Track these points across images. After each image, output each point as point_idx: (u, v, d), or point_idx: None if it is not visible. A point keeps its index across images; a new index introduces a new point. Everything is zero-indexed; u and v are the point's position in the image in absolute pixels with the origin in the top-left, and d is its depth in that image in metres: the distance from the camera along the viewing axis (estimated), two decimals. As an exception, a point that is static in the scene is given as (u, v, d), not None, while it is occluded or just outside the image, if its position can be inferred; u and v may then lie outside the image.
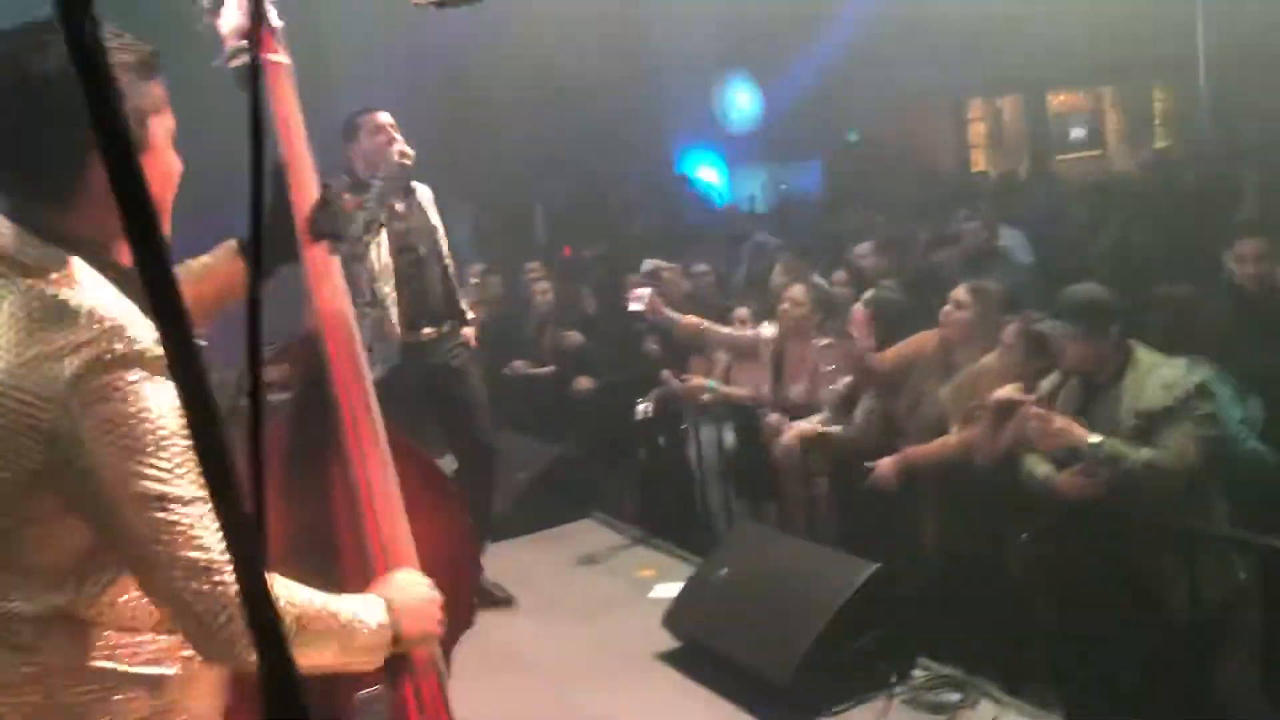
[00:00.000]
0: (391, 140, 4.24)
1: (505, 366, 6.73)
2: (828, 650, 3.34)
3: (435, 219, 4.53)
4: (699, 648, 3.79)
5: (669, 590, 4.23)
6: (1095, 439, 3.50)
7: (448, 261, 4.53)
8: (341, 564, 1.84)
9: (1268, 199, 7.63)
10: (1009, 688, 3.43)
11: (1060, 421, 3.56)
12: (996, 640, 3.90)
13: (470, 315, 4.74)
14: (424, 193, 4.53)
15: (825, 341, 4.97)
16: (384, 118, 4.32)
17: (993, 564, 3.97)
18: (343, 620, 1.51)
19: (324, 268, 1.95)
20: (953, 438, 4.22)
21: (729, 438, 5.38)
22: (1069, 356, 3.71)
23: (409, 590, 1.68)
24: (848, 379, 4.83)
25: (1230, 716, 3.68)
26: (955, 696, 3.32)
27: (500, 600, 4.52)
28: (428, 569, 1.77)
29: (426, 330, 4.39)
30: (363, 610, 1.55)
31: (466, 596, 2.09)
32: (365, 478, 1.83)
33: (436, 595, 1.72)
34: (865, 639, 3.42)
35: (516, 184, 12.31)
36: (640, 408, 5.65)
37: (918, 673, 3.48)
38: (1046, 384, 3.86)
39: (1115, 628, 3.60)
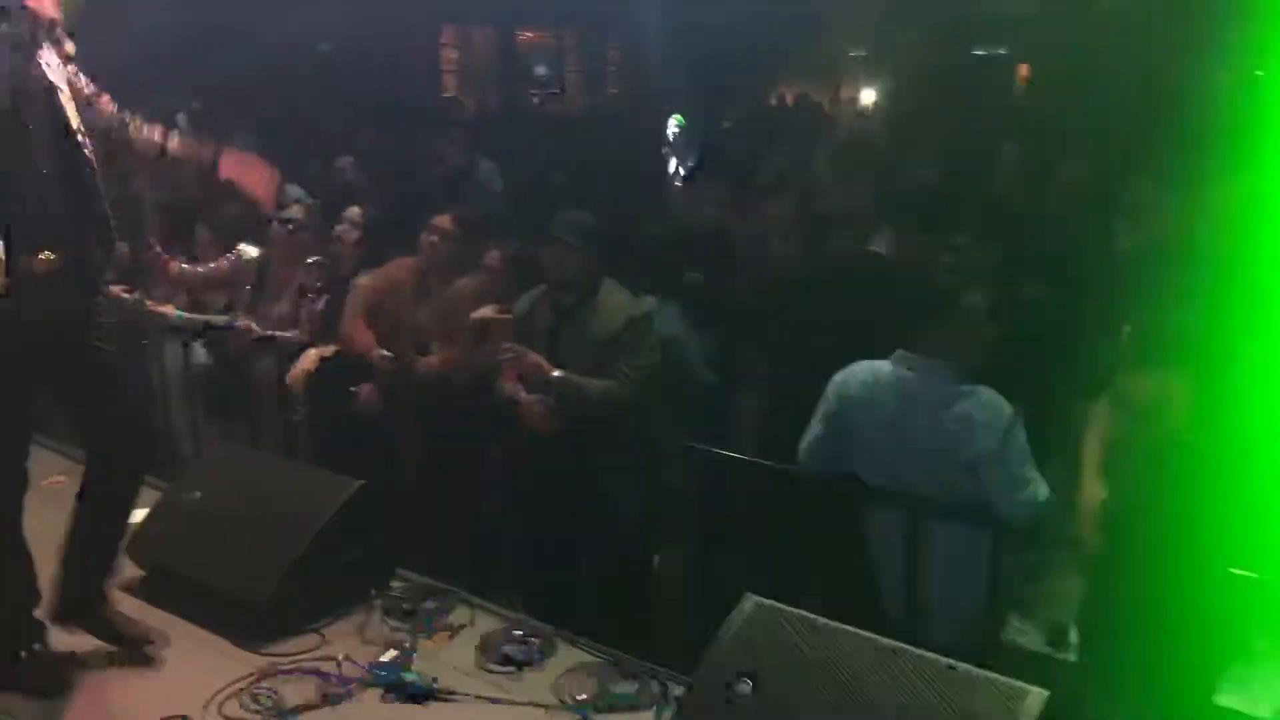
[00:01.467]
0: None
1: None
2: (309, 569, 3.33)
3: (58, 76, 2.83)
4: (168, 574, 3.59)
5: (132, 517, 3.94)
6: (558, 373, 3.83)
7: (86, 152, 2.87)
8: None
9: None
10: (480, 592, 3.63)
11: (532, 357, 3.84)
12: (469, 549, 4.14)
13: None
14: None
15: (313, 259, 4.88)
16: None
17: (467, 477, 4.19)
18: None
19: None
20: (434, 358, 4.36)
21: (199, 355, 5.10)
22: (560, 268, 3.97)
23: None
24: (326, 297, 4.78)
25: (667, 598, 4.24)
26: (431, 604, 3.46)
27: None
28: None
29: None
30: None
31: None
32: None
33: None
34: (347, 555, 3.46)
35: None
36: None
37: (396, 584, 3.58)
38: (524, 302, 4.12)
39: (574, 530, 3.98)
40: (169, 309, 5.07)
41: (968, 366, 3.26)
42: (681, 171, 8.33)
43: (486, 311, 4.12)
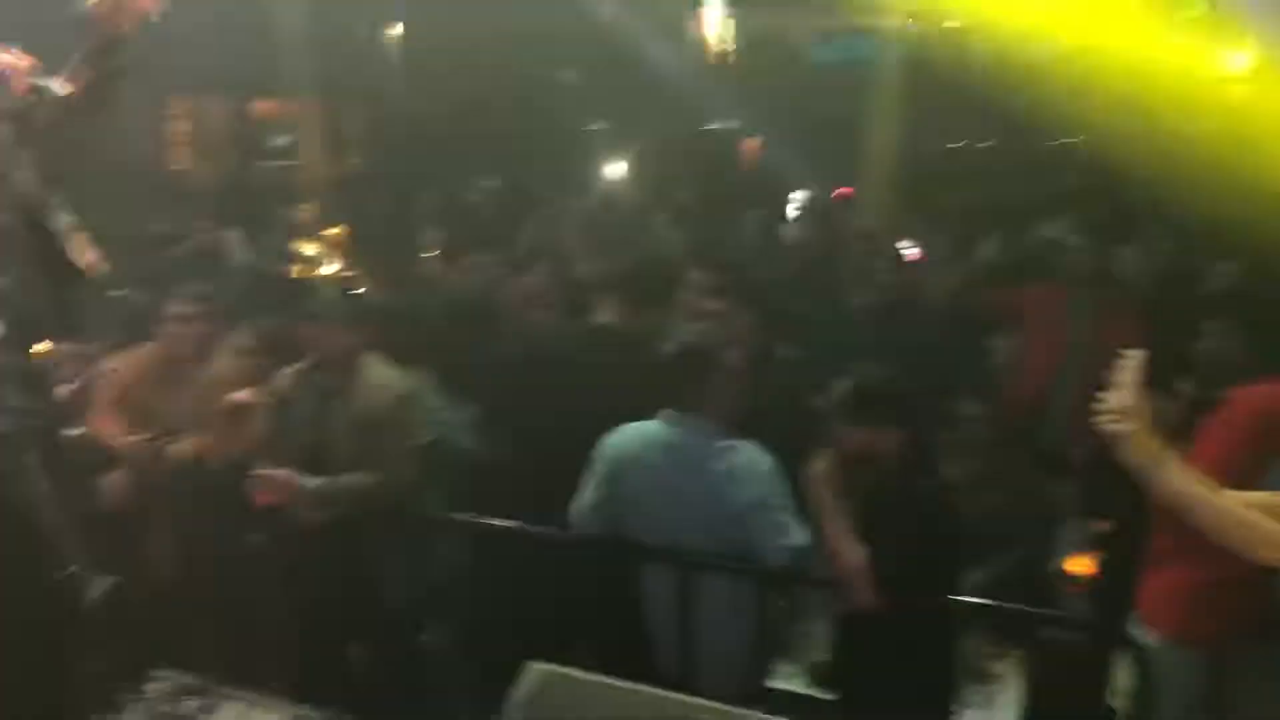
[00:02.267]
0: None
1: None
2: (55, 674, 3.09)
3: None
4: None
5: None
6: (313, 484, 3.73)
7: None
8: None
9: (451, 219, 8.66)
10: (250, 684, 3.47)
11: (280, 476, 3.73)
12: (236, 641, 3.93)
13: None
14: None
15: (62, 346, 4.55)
16: None
17: (228, 566, 4.00)
18: None
19: None
20: (186, 445, 4.16)
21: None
22: (319, 349, 3.89)
23: None
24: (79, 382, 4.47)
25: (445, 676, 4.17)
26: (195, 703, 3.28)
27: None
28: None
29: None
30: None
31: None
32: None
33: None
34: (99, 659, 3.23)
35: None
36: None
37: (155, 685, 3.37)
38: (283, 382, 3.99)
39: (342, 614, 3.87)
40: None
41: (729, 422, 3.43)
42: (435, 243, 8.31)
43: (242, 395, 3.97)
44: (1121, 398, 2.36)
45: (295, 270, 4.57)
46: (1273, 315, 3.69)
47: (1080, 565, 4.19)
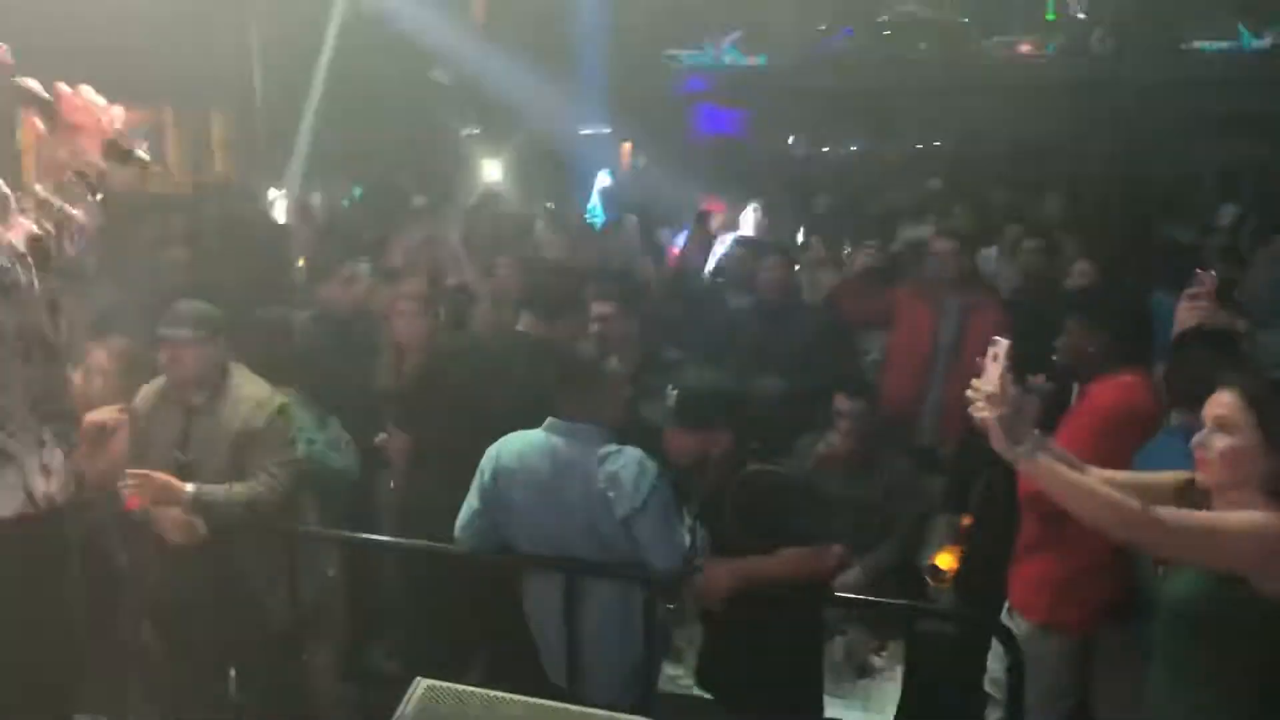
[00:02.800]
0: None
1: None
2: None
3: None
4: None
5: None
6: (190, 488, 3.61)
7: None
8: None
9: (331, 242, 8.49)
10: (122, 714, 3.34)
11: (158, 479, 3.59)
12: (105, 669, 3.76)
13: None
14: None
15: None
16: None
17: (98, 592, 3.82)
18: None
19: None
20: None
21: None
22: (177, 367, 3.75)
23: None
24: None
25: (321, 700, 4.07)
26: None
27: None
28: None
29: None
30: None
31: None
32: None
33: None
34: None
35: None
36: None
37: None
38: (144, 399, 3.85)
39: (223, 634, 3.74)
40: None
41: (613, 428, 3.43)
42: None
43: (102, 414, 3.80)
44: (991, 385, 2.44)
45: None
46: (1128, 311, 3.86)
47: (946, 560, 4.33)
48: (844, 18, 15.81)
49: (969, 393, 2.50)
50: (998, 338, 2.51)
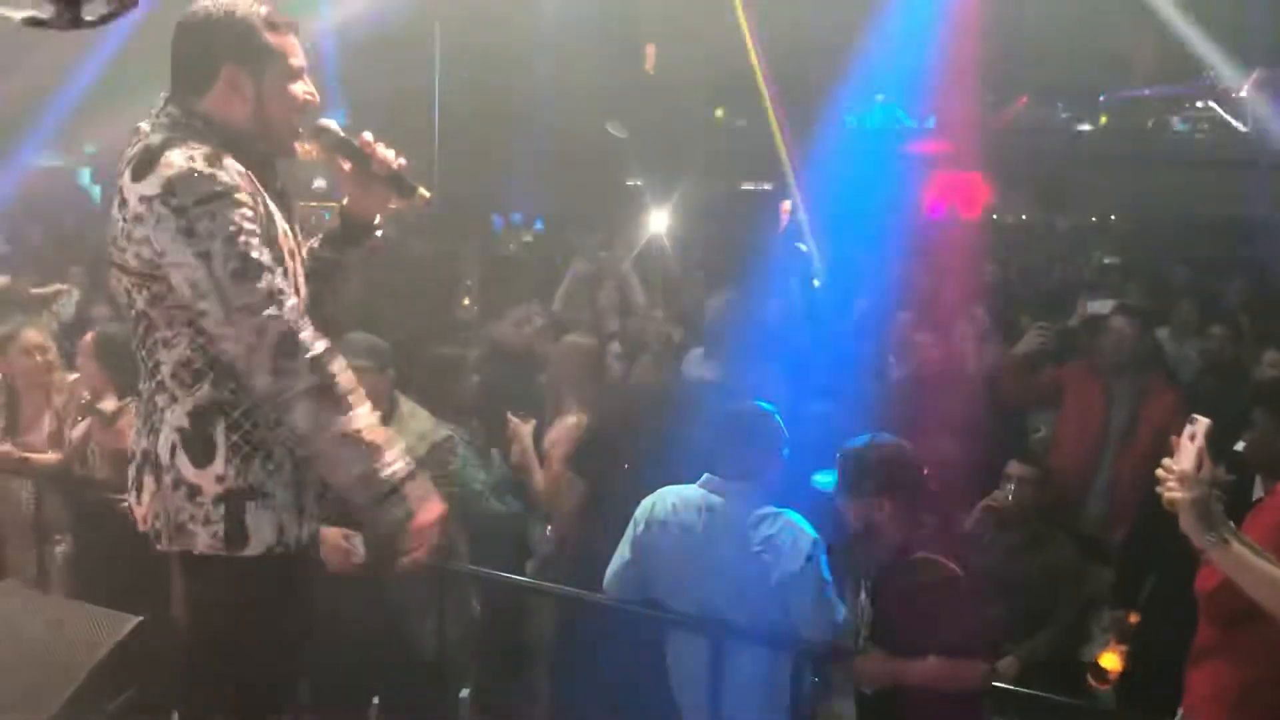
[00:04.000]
0: None
1: None
2: (80, 713, 3.06)
3: None
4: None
5: None
6: (361, 549, 3.59)
7: None
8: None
9: (487, 268, 8.71)
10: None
11: (343, 545, 3.59)
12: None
13: None
14: None
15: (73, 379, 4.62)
16: None
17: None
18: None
19: None
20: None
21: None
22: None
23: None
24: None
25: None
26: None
27: None
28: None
29: None
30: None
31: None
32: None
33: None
34: (121, 699, 3.20)
35: None
36: None
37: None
38: None
39: (376, 664, 3.81)
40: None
41: (771, 488, 3.38)
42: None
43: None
44: (1186, 463, 2.31)
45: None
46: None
47: (1111, 660, 4.09)
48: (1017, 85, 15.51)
49: (1159, 472, 2.37)
50: (1197, 416, 2.38)
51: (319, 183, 16.36)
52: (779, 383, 4.44)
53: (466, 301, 8.20)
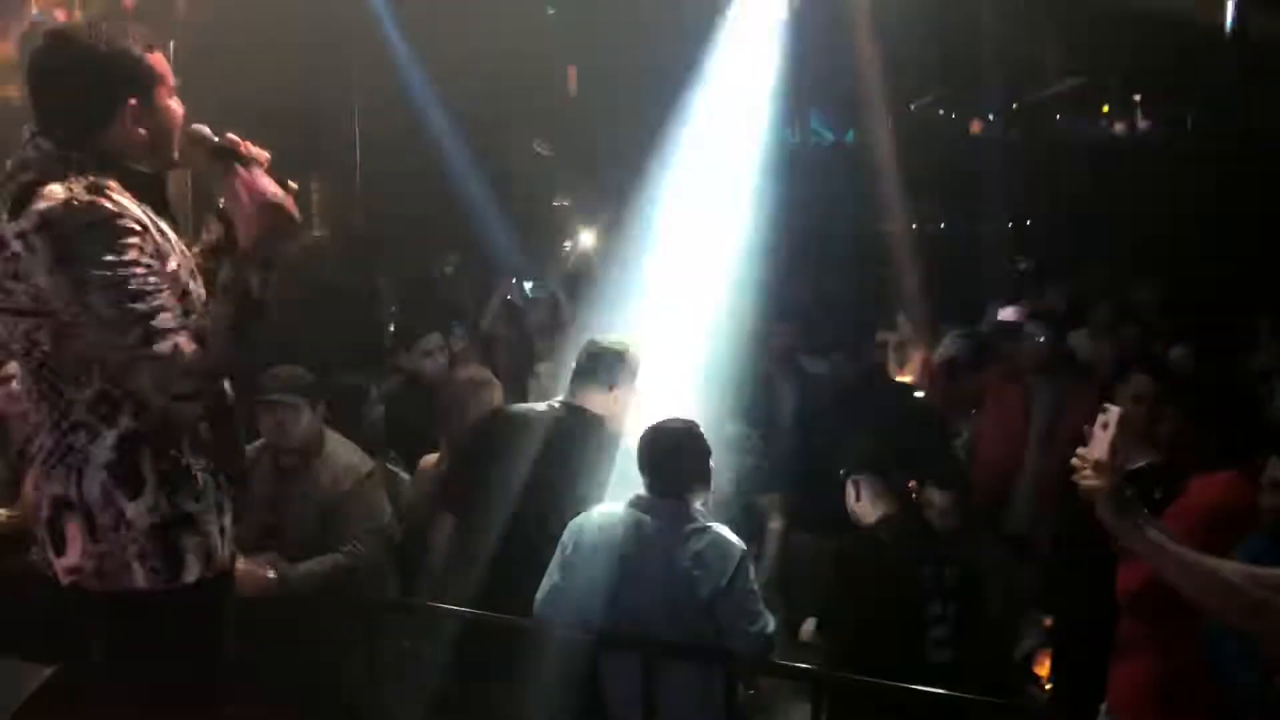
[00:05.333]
0: None
1: None
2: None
3: None
4: None
5: None
6: (272, 574, 3.58)
7: None
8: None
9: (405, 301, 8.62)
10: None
11: (240, 568, 3.54)
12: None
13: None
14: None
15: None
16: None
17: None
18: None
19: None
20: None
21: None
22: (278, 432, 3.81)
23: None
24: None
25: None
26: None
27: None
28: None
29: None
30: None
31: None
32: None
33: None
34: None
35: None
36: None
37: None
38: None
39: (292, 702, 3.73)
40: None
41: (698, 502, 3.39)
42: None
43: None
44: (1100, 452, 2.33)
45: None
46: (1229, 402, 3.72)
47: (1046, 667, 4.16)
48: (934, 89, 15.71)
49: (1074, 461, 2.39)
50: (1109, 405, 2.41)
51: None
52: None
53: (392, 328, 8.13)
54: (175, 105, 2.46)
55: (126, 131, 2.36)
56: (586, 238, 10.50)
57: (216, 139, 2.48)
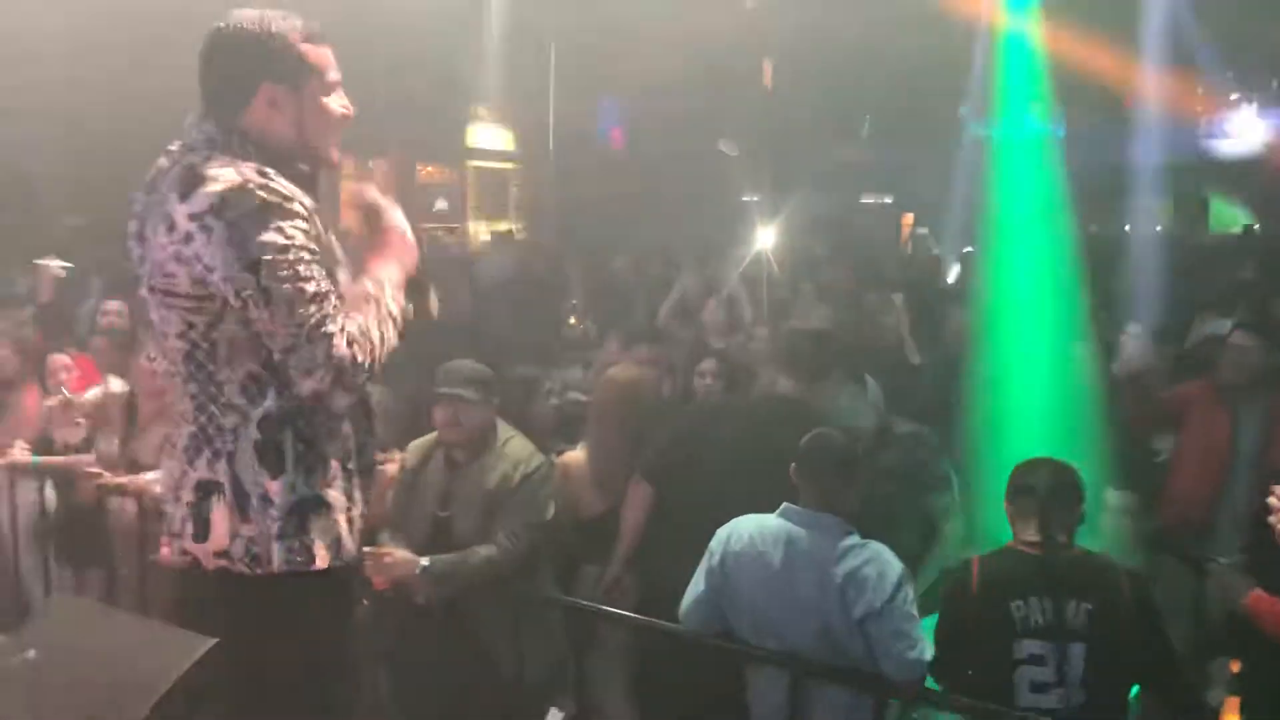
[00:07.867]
0: None
1: None
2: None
3: None
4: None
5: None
6: (425, 562, 3.59)
7: None
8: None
9: (591, 290, 8.66)
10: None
11: (395, 557, 3.61)
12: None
13: None
14: None
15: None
16: None
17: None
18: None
19: None
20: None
21: (50, 497, 4.81)
22: (451, 427, 3.80)
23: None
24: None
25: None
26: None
27: None
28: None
29: None
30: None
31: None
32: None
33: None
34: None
35: None
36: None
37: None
38: (415, 453, 3.95)
39: (456, 694, 3.76)
40: (18, 451, 4.80)
41: (854, 517, 3.23)
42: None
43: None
44: None
45: None
46: None
47: (1235, 716, 3.77)
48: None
49: (1271, 500, 2.15)
50: None
51: (440, 204, 16.75)
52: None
53: (573, 321, 8.19)
54: (334, 104, 2.44)
55: (263, 116, 2.36)
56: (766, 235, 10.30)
57: (369, 200, 2.50)
